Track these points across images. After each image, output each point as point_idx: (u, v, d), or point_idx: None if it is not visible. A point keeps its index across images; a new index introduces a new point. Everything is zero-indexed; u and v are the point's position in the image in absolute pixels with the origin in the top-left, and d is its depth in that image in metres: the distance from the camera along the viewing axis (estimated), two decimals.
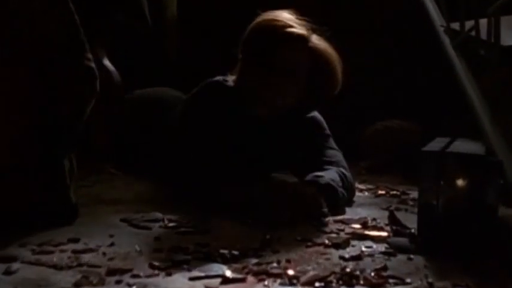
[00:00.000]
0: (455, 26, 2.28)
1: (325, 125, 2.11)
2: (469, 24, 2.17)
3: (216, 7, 3.26)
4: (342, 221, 1.69)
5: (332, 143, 2.09)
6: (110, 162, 2.28)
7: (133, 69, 2.69)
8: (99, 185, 2.05)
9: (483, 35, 1.99)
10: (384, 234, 1.57)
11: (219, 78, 2.03)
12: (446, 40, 2.29)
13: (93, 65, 1.55)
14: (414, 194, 2.07)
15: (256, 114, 1.97)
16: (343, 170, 1.94)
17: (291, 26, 1.94)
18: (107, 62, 2.34)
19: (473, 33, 2.10)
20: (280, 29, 1.93)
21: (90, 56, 1.55)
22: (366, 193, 2.12)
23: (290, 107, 1.97)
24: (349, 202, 1.94)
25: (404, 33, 3.03)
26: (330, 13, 3.06)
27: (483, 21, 2.02)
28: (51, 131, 1.52)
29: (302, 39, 1.94)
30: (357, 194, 2.09)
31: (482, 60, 2.05)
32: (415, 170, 2.45)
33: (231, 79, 2.02)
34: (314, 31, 1.99)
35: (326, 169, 1.92)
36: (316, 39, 1.98)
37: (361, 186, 2.20)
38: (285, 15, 1.97)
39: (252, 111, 1.96)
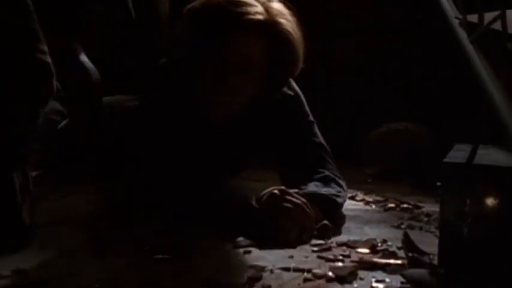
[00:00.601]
0: (472, 18, 1.99)
1: (305, 107, 1.72)
2: (488, 16, 1.88)
3: None
4: (346, 244, 1.38)
5: (316, 133, 1.71)
6: (87, 170, 1.97)
7: (121, 68, 2.40)
8: (70, 197, 1.75)
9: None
10: (398, 262, 1.27)
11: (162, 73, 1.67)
12: (462, 34, 1.99)
13: (48, 59, 1.24)
14: (427, 208, 1.80)
15: (206, 116, 1.60)
16: (335, 177, 1.64)
17: (247, 13, 1.51)
18: (84, 59, 2.02)
19: (495, 25, 1.80)
20: (232, 14, 1.50)
21: (44, 48, 1.25)
22: (374, 206, 1.82)
23: (246, 103, 1.60)
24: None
25: (410, 31, 2.76)
26: (331, 13, 2.80)
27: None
28: None
29: (261, 25, 1.52)
30: (364, 207, 1.79)
31: (509, 55, 1.75)
32: (426, 177, 2.20)
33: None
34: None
35: (315, 173, 1.62)
36: (275, 13, 1.55)
37: (368, 198, 1.90)
38: None
39: (201, 113, 1.60)
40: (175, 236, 1.42)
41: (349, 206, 1.80)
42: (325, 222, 1.48)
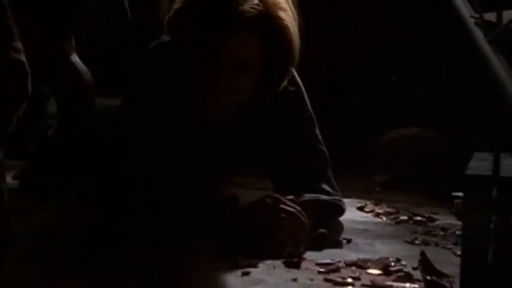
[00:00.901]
0: (489, 17, 1.84)
1: (308, 106, 1.55)
2: (507, 14, 1.74)
3: None
4: (356, 264, 1.23)
5: (317, 136, 1.55)
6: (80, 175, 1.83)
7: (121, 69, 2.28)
8: (53, 210, 1.60)
9: None
10: (414, 286, 1.12)
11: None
12: (478, 33, 1.85)
13: (22, 57, 1.10)
14: (442, 220, 1.66)
15: (203, 116, 1.46)
16: (334, 192, 1.49)
17: (245, 11, 1.34)
18: (75, 59, 1.90)
19: None
20: (229, 13, 1.34)
21: (19, 46, 1.10)
22: (384, 218, 1.66)
23: (244, 103, 1.46)
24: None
25: (421, 27, 2.61)
26: (333, 12, 2.66)
27: None
28: None
29: (257, 22, 1.36)
30: (374, 220, 1.64)
31: None
32: (439, 186, 2.05)
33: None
34: None
35: (313, 184, 1.48)
36: (271, 2, 1.38)
37: (378, 210, 1.74)
38: None
39: (198, 113, 1.45)
40: (166, 252, 1.27)
41: (358, 217, 1.65)
42: (322, 230, 1.37)
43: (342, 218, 1.56)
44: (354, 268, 1.21)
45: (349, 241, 1.40)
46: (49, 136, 2.00)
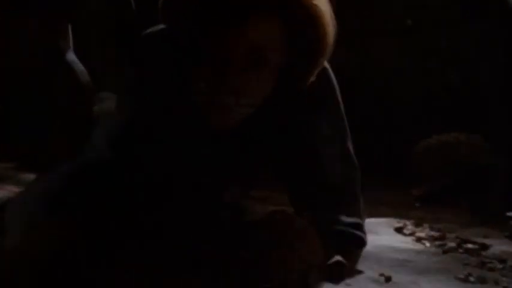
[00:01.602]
0: None
1: (340, 108, 1.26)
2: None
3: None
4: None
5: (349, 147, 1.25)
6: None
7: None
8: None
9: None
10: None
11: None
12: None
13: None
14: (497, 247, 1.39)
15: (207, 122, 1.18)
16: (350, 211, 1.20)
17: None
18: (72, 57, 1.66)
19: None
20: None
21: None
22: (428, 244, 1.37)
23: (258, 104, 1.19)
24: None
25: (459, 26, 2.40)
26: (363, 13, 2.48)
27: None
28: None
29: (269, 4, 1.09)
30: (415, 247, 1.35)
31: None
32: (487, 202, 1.77)
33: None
34: None
35: (339, 212, 1.18)
36: None
37: (419, 232, 1.45)
38: None
39: (201, 117, 1.18)
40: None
41: (396, 243, 1.37)
42: (339, 258, 1.11)
43: (377, 244, 1.29)
44: None
45: (388, 279, 1.12)
46: (47, 141, 1.79)
